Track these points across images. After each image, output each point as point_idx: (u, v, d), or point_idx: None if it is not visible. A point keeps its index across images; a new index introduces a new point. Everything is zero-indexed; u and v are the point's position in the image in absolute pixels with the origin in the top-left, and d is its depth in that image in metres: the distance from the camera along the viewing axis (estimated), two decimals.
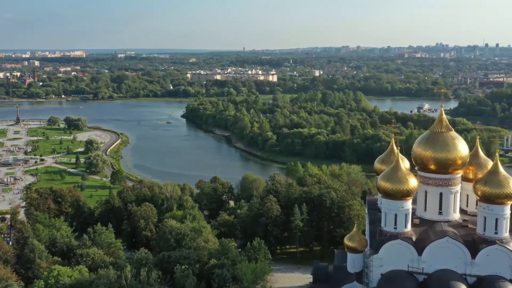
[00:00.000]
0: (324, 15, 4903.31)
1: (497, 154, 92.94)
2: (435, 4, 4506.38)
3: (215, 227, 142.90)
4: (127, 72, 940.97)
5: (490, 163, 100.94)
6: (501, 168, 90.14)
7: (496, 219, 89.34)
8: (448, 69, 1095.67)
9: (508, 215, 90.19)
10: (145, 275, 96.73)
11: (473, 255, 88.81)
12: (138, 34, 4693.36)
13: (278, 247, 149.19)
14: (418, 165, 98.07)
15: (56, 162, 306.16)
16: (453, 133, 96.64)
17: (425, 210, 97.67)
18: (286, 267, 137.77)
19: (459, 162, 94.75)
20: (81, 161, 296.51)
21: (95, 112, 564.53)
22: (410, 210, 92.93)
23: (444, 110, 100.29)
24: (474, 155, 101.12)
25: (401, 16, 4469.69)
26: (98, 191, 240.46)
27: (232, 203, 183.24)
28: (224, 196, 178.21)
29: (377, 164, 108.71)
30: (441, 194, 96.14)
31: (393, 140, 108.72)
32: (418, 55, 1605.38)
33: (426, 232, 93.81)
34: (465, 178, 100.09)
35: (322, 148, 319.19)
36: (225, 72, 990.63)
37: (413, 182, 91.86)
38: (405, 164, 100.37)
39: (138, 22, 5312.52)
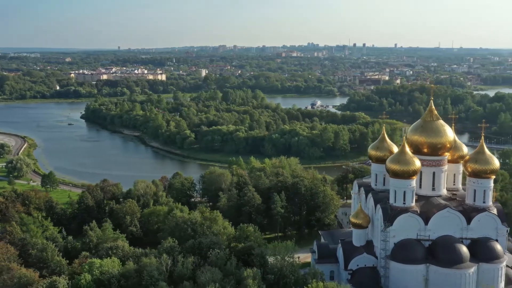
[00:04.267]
0: (197, 14, 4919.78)
1: (482, 138, 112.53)
2: (303, 4, 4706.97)
3: None
4: (4, 73, 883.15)
5: (464, 147, 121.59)
6: (486, 149, 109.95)
7: (484, 191, 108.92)
8: (325, 67, 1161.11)
9: (492, 187, 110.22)
10: (183, 261, 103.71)
11: (468, 221, 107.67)
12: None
13: None
14: (413, 149, 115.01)
15: None
16: (441, 121, 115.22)
17: (420, 187, 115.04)
18: None
19: (448, 145, 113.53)
20: None
21: None
22: (415, 188, 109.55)
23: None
24: None
25: (274, 16, 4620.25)
26: None
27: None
28: (188, 191, 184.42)
29: (371, 151, 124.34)
30: (433, 173, 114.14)
31: (384, 129, 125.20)
32: (294, 54, 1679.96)
33: (426, 205, 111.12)
34: None
35: (242, 144, 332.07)
36: (111, 72, 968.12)
37: (417, 163, 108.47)
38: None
39: None
